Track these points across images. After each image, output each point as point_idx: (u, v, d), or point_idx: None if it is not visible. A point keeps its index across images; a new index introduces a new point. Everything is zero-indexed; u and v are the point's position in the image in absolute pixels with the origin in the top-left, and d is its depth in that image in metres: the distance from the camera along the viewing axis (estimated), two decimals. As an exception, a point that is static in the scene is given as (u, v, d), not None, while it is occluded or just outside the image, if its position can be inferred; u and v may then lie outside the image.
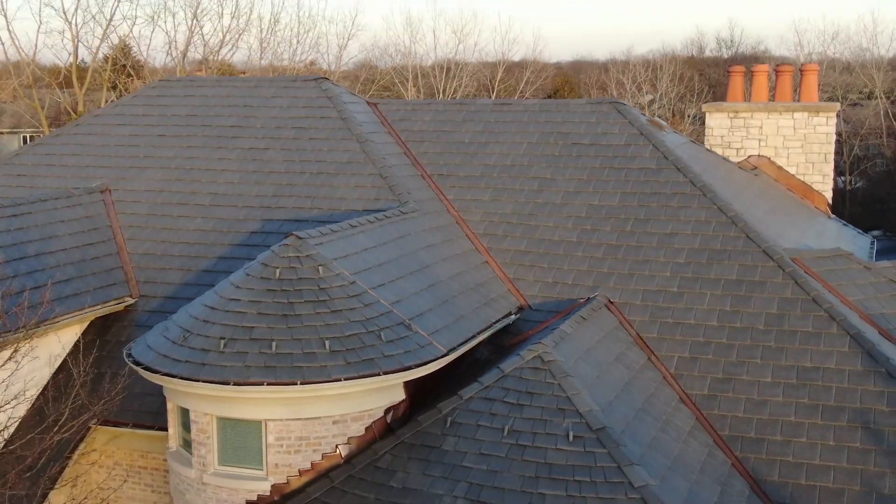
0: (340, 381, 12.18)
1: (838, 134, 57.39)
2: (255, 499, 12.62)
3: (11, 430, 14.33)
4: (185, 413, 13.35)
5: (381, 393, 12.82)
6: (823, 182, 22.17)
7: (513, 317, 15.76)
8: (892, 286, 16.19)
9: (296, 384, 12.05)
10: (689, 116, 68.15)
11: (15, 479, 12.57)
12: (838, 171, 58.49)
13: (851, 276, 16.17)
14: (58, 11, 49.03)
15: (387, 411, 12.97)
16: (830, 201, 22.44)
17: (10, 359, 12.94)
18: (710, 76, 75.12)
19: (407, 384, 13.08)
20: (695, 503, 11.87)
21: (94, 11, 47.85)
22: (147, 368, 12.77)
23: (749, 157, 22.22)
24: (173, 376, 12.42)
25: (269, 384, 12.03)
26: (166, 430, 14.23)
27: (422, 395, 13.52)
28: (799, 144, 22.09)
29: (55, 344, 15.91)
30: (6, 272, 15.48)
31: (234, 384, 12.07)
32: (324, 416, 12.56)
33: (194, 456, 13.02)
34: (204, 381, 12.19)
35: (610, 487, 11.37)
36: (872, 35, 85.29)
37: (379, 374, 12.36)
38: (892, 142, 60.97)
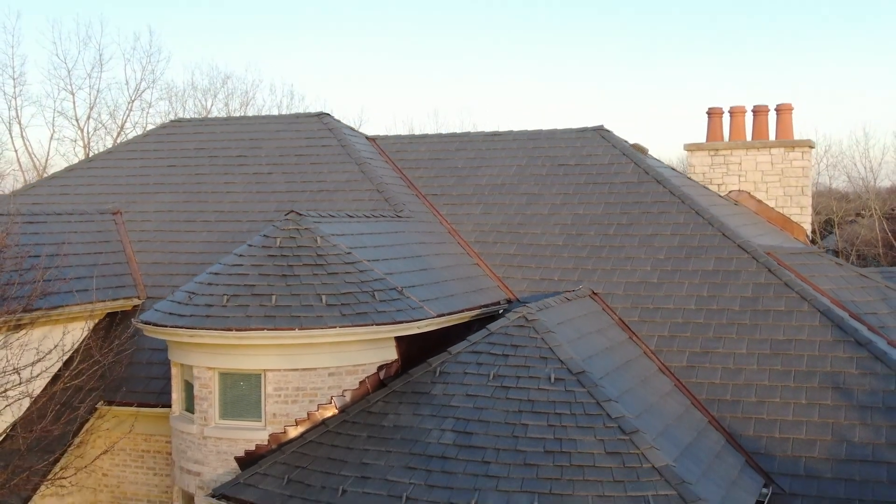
0: (336, 328, 12.97)
1: (835, 249, 58.35)
2: (254, 448, 13.24)
3: (24, 406, 15.03)
4: (188, 378, 14.04)
5: (375, 348, 13.57)
6: (801, 214, 23.15)
7: (502, 304, 16.56)
8: (862, 280, 17.01)
9: (294, 330, 12.83)
10: None
11: (24, 432, 13.19)
12: None
13: (823, 269, 17.02)
14: (70, 119, 50.42)
15: (380, 368, 13.70)
16: (809, 233, 23.39)
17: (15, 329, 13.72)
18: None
19: (399, 343, 13.84)
20: (670, 439, 12.50)
21: (104, 119, 49.55)
22: (154, 325, 13.57)
23: (730, 192, 23.25)
24: (178, 327, 13.21)
25: (268, 330, 12.82)
26: (170, 406, 14.92)
27: (413, 361, 14.22)
28: (777, 179, 23.15)
29: (66, 336, 16.63)
30: (22, 266, 16.36)
31: (235, 330, 12.86)
32: (320, 367, 13.29)
33: (196, 412, 13.68)
34: (207, 329, 12.98)
35: (588, 419, 12.03)
36: (865, 150, 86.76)
37: (372, 325, 13.16)
38: (889, 253, 61.57)
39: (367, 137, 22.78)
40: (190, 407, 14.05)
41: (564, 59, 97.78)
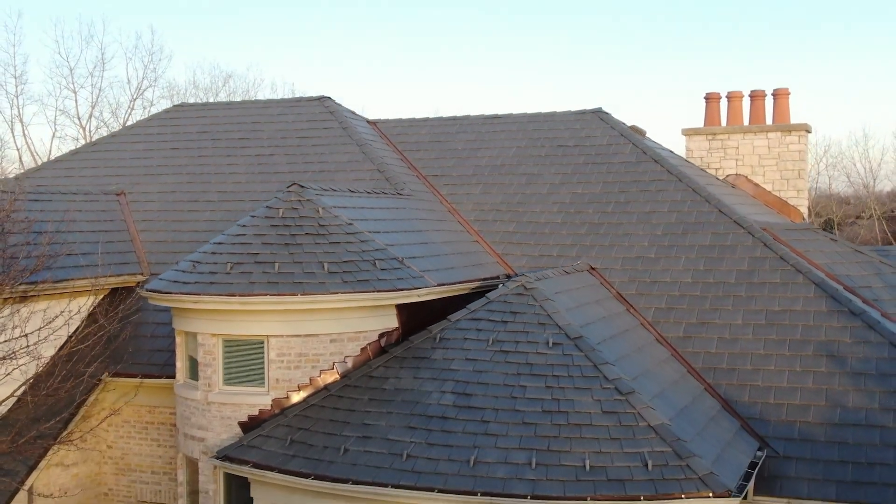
0: (338, 294, 13.19)
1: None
2: (257, 413, 13.46)
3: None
4: (192, 346, 14.27)
5: (376, 316, 13.79)
6: (798, 197, 23.36)
7: (501, 279, 16.77)
8: (856, 255, 17.23)
9: (296, 296, 13.06)
10: None
11: (32, 395, 13.41)
12: None
13: (818, 245, 17.24)
14: (72, 118, 50.18)
15: (381, 335, 13.92)
16: (805, 216, 23.62)
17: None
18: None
19: (400, 312, 14.06)
20: (665, 402, 12.72)
21: (106, 118, 49.38)
22: (159, 292, 13.79)
23: (727, 175, 23.50)
24: (183, 294, 13.43)
25: (271, 295, 13.04)
26: (173, 378, 15.15)
27: (414, 330, 14.43)
28: (773, 162, 23.36)
29: (71, 303, 16.81)
30: (27, 240, 16.57)
31: (239, 296, 13.08)
32: (322, 333, 13.52)
33: (200, 379, 13.89)
34: (211, 295, 13.20)
35: (586, 381, 12.27)
36: (864, 150, 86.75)
37: (373, 292, 13.38)
38: (891, 254, 61.19)
39: (368, 121, 23.01)
40: (194, 374, 14.26)
41: (564, 57, 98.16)
